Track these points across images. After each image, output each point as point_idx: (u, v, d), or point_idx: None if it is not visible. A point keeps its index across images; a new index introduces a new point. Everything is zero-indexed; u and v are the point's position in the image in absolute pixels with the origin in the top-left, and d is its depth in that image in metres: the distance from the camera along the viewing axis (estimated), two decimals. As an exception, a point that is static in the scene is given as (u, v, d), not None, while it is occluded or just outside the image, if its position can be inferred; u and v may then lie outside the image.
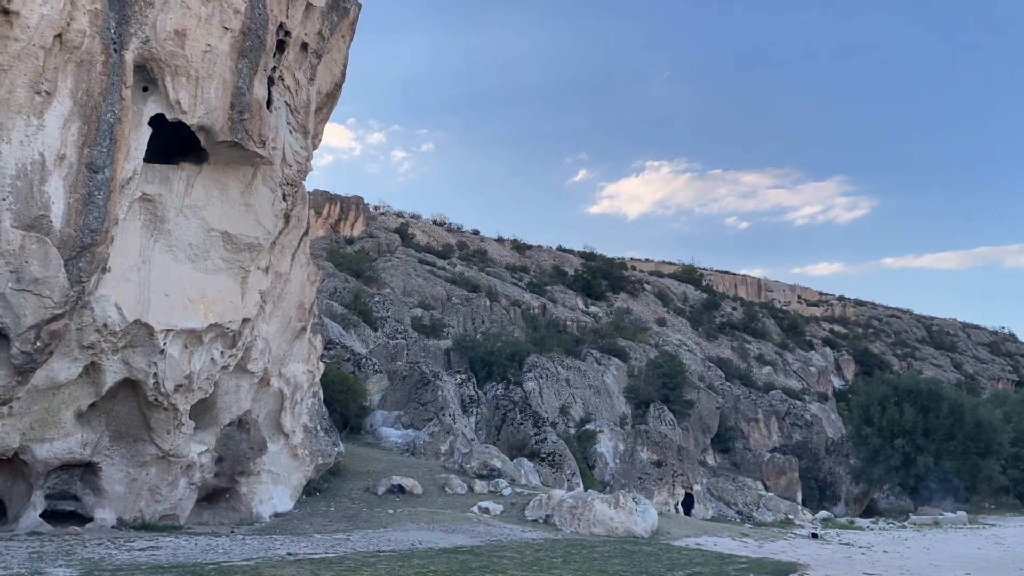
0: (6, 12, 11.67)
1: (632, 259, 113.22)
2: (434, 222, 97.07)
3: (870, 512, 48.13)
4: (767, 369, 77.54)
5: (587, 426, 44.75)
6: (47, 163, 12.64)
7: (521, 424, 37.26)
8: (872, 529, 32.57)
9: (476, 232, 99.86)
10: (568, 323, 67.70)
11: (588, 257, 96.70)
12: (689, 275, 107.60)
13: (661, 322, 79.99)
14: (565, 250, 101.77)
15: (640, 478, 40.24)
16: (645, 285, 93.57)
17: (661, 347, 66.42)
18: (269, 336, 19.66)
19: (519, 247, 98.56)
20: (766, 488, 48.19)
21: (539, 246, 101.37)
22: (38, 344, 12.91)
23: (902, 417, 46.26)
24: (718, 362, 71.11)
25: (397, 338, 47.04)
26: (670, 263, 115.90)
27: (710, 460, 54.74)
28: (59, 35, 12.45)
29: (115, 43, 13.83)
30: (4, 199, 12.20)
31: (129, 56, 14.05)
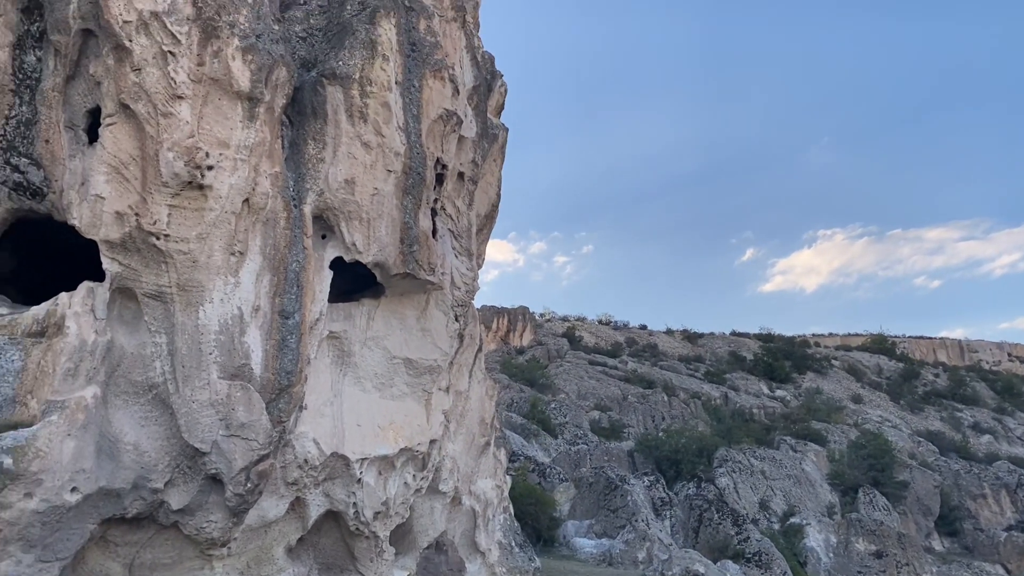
0: (201, 187, 13.08)
1: (814, 335, 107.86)
2: (600, 322, 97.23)
3: None
4: (986, 438, 70.21)
5: (792, 520, 41.81)
6: (245, 316, 13.78)
7: (720, 524, 35.37)
8: None
9: (644, 327, 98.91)
10: (754, 411, 64.67)
11: (766, 338, 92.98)
12: (880, 345, 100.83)
13: (856, 399, 74.80)
14: (740, 334, 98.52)
15: (860, 572, 36.82)
16: (833, 361, 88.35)
17: (861, 426, 61.85)
18: (456, 455, 20.00)
19: (690, 337, 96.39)
20: (1008, 572, 42.71)
21: (711, 333, 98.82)
22: (248, 485, 13.76)
23: None
24: (928, 436, 65.18)
25: (578, 443, 46.57)
26: (857, 334, 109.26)
27: (936, 545, 49.39)
28: (246, 200, 13.78)
29: (294, 199, 15.16)
30: (211, 353, 13.34)
31: (307, 209, 15.32)
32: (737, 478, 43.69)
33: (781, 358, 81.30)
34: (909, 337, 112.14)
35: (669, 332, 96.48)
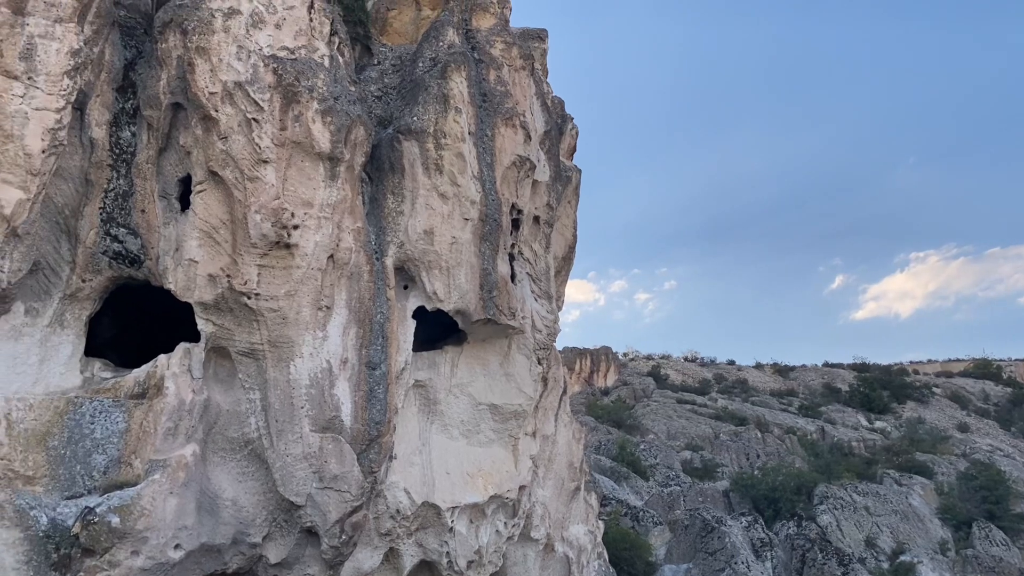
0: (288, 246, 13.52)
1: (912, 362, 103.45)
2: (686, 359, 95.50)
3: None
4: (1110, 464, 65.42)
5: (902, 558, 39.70)
6: (333, 369, 14.07)
7: (824, 564, 33.86)
8: None
9: (732, 362, 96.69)
10: (853, 444, 62.13)
11: (861, 368, 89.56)
12: (985, 370, 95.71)
13: (963, 428, 71.10)
14: (833, 365, 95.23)
15: (981, 613, 34.58)
16: (934, 389, 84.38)
17: (970, 456, 58.64)
18: (546, 500, 19.79)
19: (781, 370, 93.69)
20: None
21: (803, 365, 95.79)
22: (343, 537, 13.90)
23: None
24: (1045, 464, 61.21)
25: (671, 485, 45.52)
26: (959, 360, 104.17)
27: (1065, 583, 46.02)
28: (331, 256, 14.17)
29: (376, 252, 15.52)
30: (303, 407, 13.65)
31: (389, 261, 15.67)
32: (840, 515, 41.88)
33: (878, 388, 78.15)
34: (1016, 360, 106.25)
35: (759, 366, 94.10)
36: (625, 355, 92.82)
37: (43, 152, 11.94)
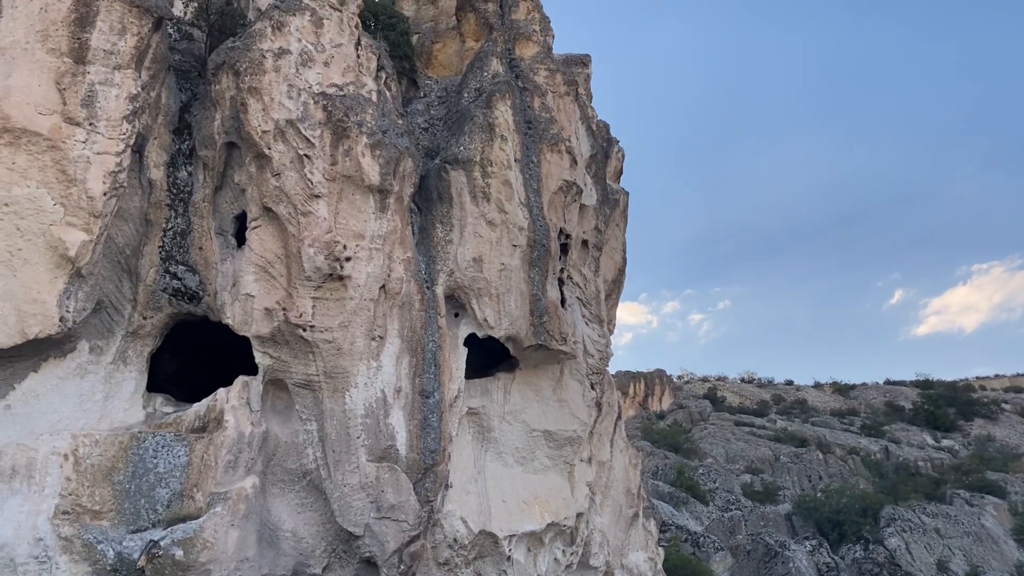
0: (341, 278, 13.72)
1: (979, 378, 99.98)
2: (742, 380, 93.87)
3: None
4: None
5: (977, 582, 38.18)
6: (388, 398, 14.17)
7: (894, 589, 32.70)
8: None
9: (790, 382, 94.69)
10: (920, 464, 60.17)
11: (924, 385, 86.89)
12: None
13: (1036, 444, 68.28)
14: (895, 382, 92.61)
15: (1066, 640, 32.96)
16: (1003, 405, 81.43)
17: (1045, 474, 56.27)
18: (604, 528, 19.55)
19: (841, 389, 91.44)
20: None
21: (863, 384, 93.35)
22: (402, 567, 13.90)
23: None
24: None
25: (731, 509, 44.58)
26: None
27: None
28: (383, 286, 14.34)
29: (427, 281, 15.65)
30: (359, 437, 13.76)
31: (439, 289, 15.78)
32: (909, 538, 40.48)
33: (943, 405, 75.74)
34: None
35: (818, 386, 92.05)
36: (680, 378, 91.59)
37: (105, 195, 12.35)
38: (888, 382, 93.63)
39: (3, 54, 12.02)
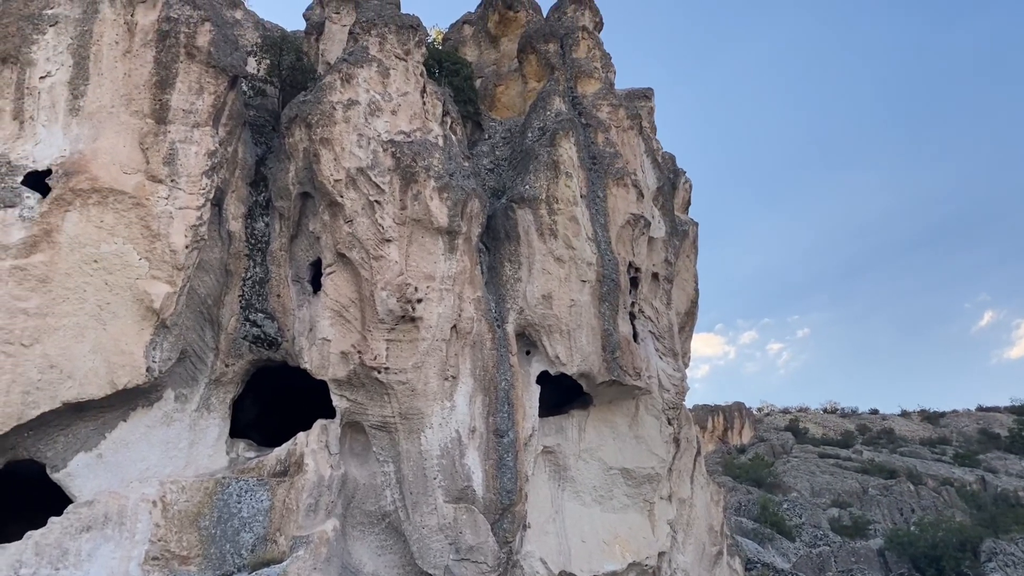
0: (413, 320, 13.90)
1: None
2: (825, 410, 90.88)
3: None
4: None
5: (1092, 620, 35.72)
6: (462, 438, 14.20)
7: (1001, 629, 30.84)
8: None
9: (875, 411, 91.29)
10: (1020, 494, 56.97)
11: (1020, 411, 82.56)
12: None
13: None
14: (988, 408, 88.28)
15: None
16: (1109, 429, 76.66)
17: None
18: (687, 566, 19.04)
19: (930, 417, 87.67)
20: None
21: (954, 411, 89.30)
22: (482, 609, 13.76)
23: None
24: None
25: (819, 545, 42.93)
26: None
27: None
28: (454, 326, 14.46)
29: (497, 320, 15.71)
30: (435, 478, 13.79)
31: (510, 328, 15.82)
32: (1013, 573, 38.26)
33: (1044, 431, 71.85)
34: None
35: (905, 414, 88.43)
36: (760, 410, 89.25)
37: (187, 247, 12.83)
38: (981, 408, 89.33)
39: (91, 118, 12.70)
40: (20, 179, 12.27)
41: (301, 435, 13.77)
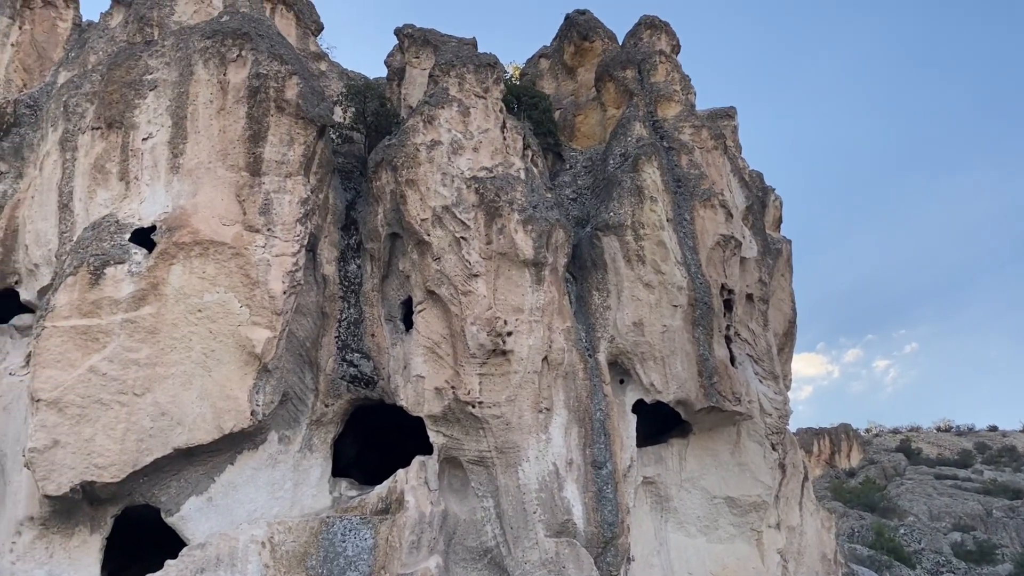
0: (504, 353, 13.91)
1: None
2: (939, 429, 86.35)
3: None
4: None
5: None
6: (560, 470, 14.05)
7: None
8: None
9: (994, 428, 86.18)
10: None
11: None
12: None
13: None
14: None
15: None
16: None
17: None
18: (801, 598, 18.24)
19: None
20: None
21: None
22: (589, 645, 13.48)
23: None
24: None
25: (942, 572, 40.58)
26: None
27: None
28: (545, 357, 14.40)
29: (588, 349, 15.58)
30: (535, 512, 13.67)
31: (601, 357, 15.66)
32: None
33: None
34: None
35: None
36: (868, 431, 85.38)
37: (284, 293, 13.24)
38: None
39: (190, 175, 13.34)
40: (127, 236, 12.96)
41: (400, 472, 13.90)
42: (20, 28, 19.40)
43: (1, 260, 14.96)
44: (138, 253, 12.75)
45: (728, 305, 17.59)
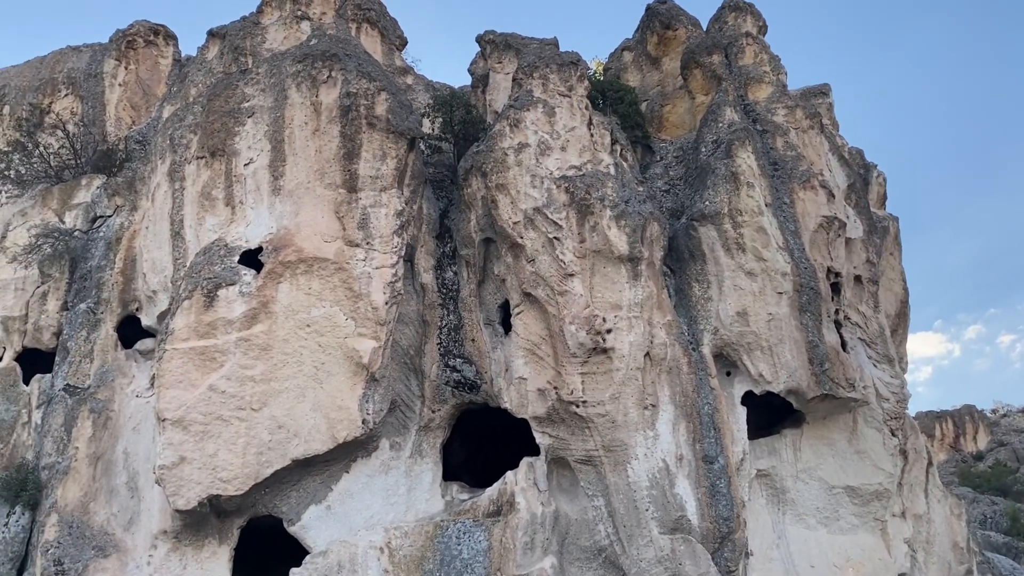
0: (605, 351, 13.82)
1: None
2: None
3: None
4: None
5: None
6: (670, 467, 13.86)
7: None
8: None
9: None
10: None
11: None
12: None
13: None
14: None
15: None
16: None
17: None
18: (933, 590, 17.42)
19: None
20: None
21: None
22: (711, 643, 13.24)
23: None
24: None
25: (1090, 559, 37.97)
26: None
27: None
28: (647, 353, 14.23)
29: (691, 343, 15.31)
30: (647, 509, 13.53)
31: (706, 349, 15.36)
32: None
33: None
34: None
35: None
36: (994, 411, 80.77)
37: (386, 303, 13.57)
38: None
39: (291, 195, 13.83)
40: (236, 259, 13.56)
41: (509, 474, 14.00)
42: (126, 68, 20.59)
43: (122, 289, 15.90)
44: (247, 274, 13.31)
45: (836, 288, 16.96)
